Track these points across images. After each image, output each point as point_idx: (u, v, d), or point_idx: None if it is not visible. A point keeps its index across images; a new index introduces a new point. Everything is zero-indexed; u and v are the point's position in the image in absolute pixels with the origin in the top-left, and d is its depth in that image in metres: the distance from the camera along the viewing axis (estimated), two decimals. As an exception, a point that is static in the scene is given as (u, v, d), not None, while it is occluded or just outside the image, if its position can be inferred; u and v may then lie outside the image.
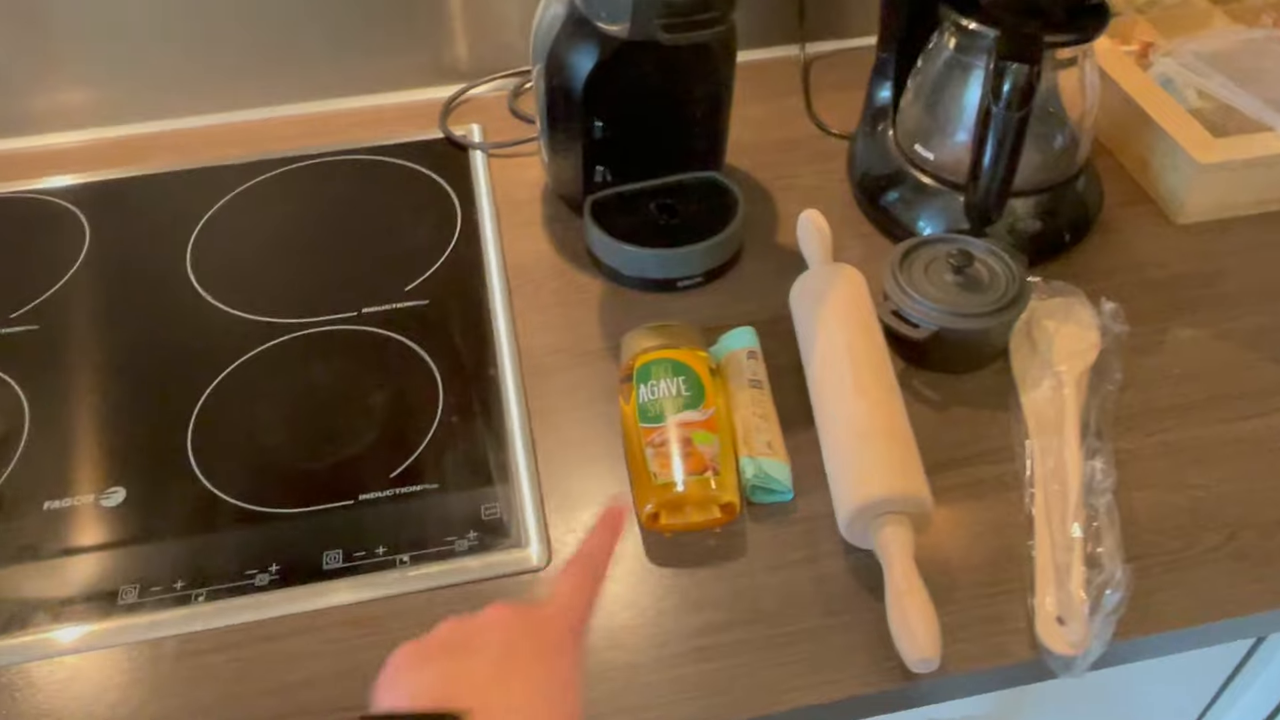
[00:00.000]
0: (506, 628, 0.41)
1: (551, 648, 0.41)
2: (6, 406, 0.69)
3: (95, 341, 0.73)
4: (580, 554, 0.46)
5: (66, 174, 0.88)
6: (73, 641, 0.56)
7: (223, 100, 0.93)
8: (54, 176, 0.87)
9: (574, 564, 0.46)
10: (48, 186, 0.87)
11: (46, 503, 0.63)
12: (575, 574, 0.45)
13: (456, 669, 0.38)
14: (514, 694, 0.38)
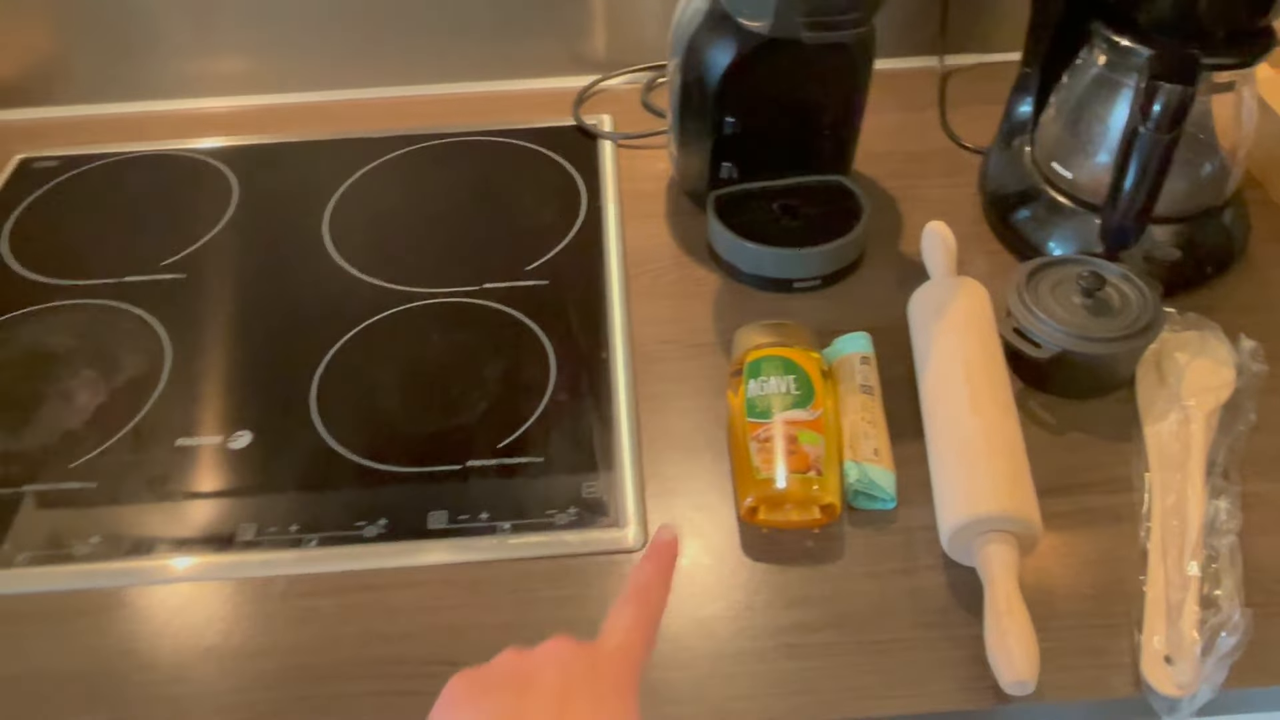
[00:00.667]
0: (566, 665, 0.40)
1: (610, 688, 0.40)
2: (150, 348, 0.73)
3: (234, 294, 0.77)
4: (634, 587, 0.45)
5: (216, 136, 0.93)
6: (189, 570, 0.59)
7: (364, 77, 0.97)
8: (206, 138, 0.93)
9: (630, 598, 0.44)
10: (201, 146, 0.92)
11: (178, 440, 0.66)
12: (632, 609, 0.44)
13: (514, 705, 0.38)
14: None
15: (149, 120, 0.95)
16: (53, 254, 0.82)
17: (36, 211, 0.86)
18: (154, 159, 0.91)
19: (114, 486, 0.64)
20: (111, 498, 0.63)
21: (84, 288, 0.78)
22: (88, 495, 0.63)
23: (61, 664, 0.55)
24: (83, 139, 0.93)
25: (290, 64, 0.96)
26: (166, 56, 0.94)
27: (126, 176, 0.89)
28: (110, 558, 0.60)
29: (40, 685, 0.54)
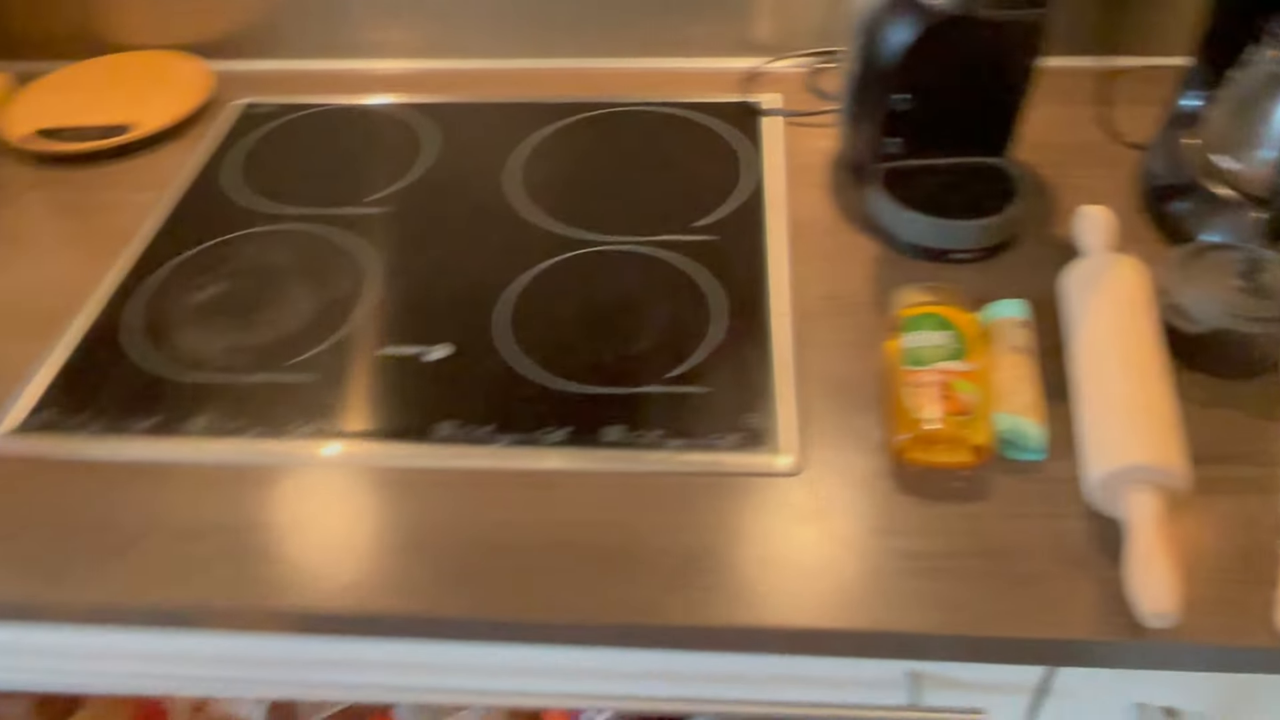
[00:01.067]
0: None
1: None
2: (355, 269, 0.82)
3: (428, 229, 0.85)
4: None
5: (410, 93, 1.01)
6: (393, 455, 0.67)
7: (543, 48, 1.04)
8: (400, 95, 1.01)
9: None
10: (395, 102, 1.01)
11: (381, 349, 0.75)
12: None
13: None
14: None
15: (349, 76, 1.05)
16: (272, 184, 0.91)
17: (258, 148, 0.96)
18: (355, 111, 1.00)
19: (328, 381, 0.72)
20: (326, 391, 0.71)
21: (297, 215, 0.88)
22: (306, 387, 0.72)
23: (281, 519, 0.63)
24: (294, 89, 1.03)
25: (477, 33, 1.04)
26: (364, 20, 1.04)
27: (331, 124, 0.99)
28: (325, 437, 0.68)
29: (279, 538, 0.63)
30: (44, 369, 0.74)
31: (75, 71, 1.04)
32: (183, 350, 0.75)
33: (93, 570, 0.61)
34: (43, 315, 0.79)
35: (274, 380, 0.73)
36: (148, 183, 0.92)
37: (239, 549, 0.62)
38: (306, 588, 0.60)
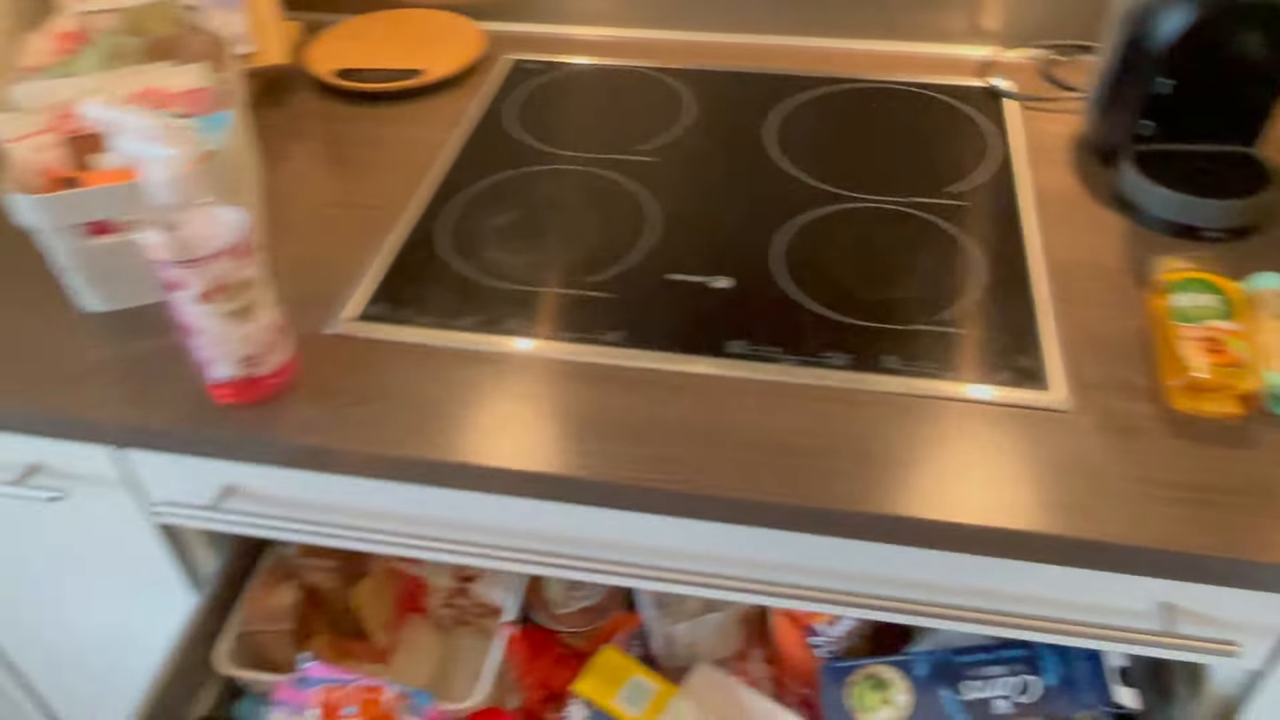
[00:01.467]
0: None
1: None
2: (633, 206, 0.90)
3: (697, 177, 0.93)
4: None
5: (649, 59, 1.10)
6: (691, 366, 0.75)
7: (793, 26, 1.12)
8: (647, 59, 1.10)
9: None
10: (649, 66, 1.09)
11: (667, 274, 0.83)
12: None
13: None
14: None
15: (602, 42, 1.14)
16: (546, 130, 1.01)
17: (529, 99, 1.06)
18: (614, 71, 1.09)
19: (623, 297, 0.81)
20: (622, 304, 0.80)
21: (574, 158, 0.97)
22: (604, 301, 0.80)
23: (586, 410, 0.72)
24: (554, 50, 1.13)
25: (726, 8, 1.12)
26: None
27: (594, 82, 1.08)
28: (633, 345, 0.76)
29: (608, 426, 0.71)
30: (373, 269, 0.84)
31: (361, 23, 1.16)
32: (490, 263, 0.85)
33: (429, 438, 0.71)
34: (368, 224, 0.89)
35: (576, 294, 0.81)
36: (438, 122, 1.03)
37: (575, 432, 0.71)
38: (626, 462, 0.68)
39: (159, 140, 0.62)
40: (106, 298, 0.81)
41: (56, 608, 0.99)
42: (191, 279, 0.66)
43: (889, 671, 0.82)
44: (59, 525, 0.88)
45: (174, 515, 0.79)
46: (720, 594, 0.76)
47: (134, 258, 0.79)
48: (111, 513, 0.85)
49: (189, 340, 0.70)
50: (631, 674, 0.84)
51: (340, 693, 0.81)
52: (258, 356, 0.71)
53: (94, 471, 0.82)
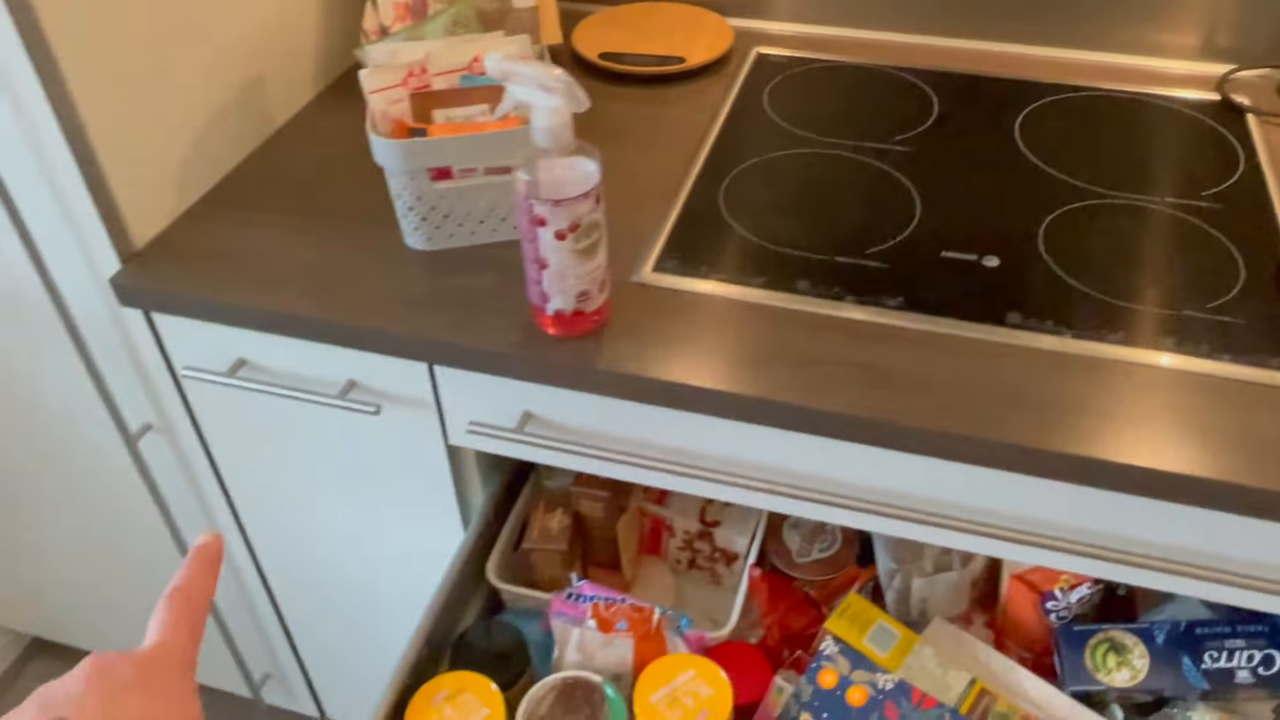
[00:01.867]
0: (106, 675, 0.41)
1: (162, 686, 0.41)
2: (898, 190, 0.97)
3: (954, 166, 1.00)
4: (176, 588, 0.46)
5: (914, 60, 1.17)
6: (981, 333, 0.81)
7: (1027, 36, 1.18)
8: (884, 58, 1.17)
9: (171, 599, 0.45)
10: (902, 65, 1.16)
11: (943, 251, 0.89)
12: (174, 608, 0.45)
13: None
14: None
15: (835, 40, 1.21)
16: (799, 118, 1.08)
17: (778, 88, 1.14)
18: (856, 67, 1.16)
19: (899, 268, 0.87)
20: (899, 275, 0.87)
21: (831, 143, 1.04)
22: (881, 270, 0.87)
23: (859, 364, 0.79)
24: (796, 46, 1.21)
25: (972, 17, 1.19)
26: None
27: (840, 76, 1.15)
28: (912, 309, 0.83)
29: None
30: (664, 230, 0.93)
31: (617, 12, 1.25)
32: (769, 231, 0.92)
33: (738, 375, 0.78)
34: (651, 192, 0.98)
35: (855, 263, 0.88)
36: (698, 105, 1.11)
37: (864, 379, 0.78)
38: (910, 409, 0.75)
39: (547, 90, 0.71)
40: (430, 238, 0.91)
41: (342, 519, 1.09)
42: (553, 216, 0.75)
43: (1128, 637, 0.87)
44: (362, 442, 0.98)
45: (482, 435, 0.88)
46: (967, 539, 0.82)
47: (462, 203, 0.89)
48: (412, 432, 0.95)
49: (535, 274, 0.79)
50: (876, 619, 0.90)
51: (612, 609, 0.89)
52: (588, 293, 0.80)
53: (405, 391, 0.91)
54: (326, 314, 0.86)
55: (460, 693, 0.84)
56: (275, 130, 1.08)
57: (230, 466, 1.09)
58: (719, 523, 1.02)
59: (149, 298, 0.91)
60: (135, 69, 0.89)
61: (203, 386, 1.00)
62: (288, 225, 0.95)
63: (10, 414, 1.14)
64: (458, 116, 0.88)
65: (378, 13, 0.97)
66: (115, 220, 0.90)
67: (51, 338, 1.01)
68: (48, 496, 1.24)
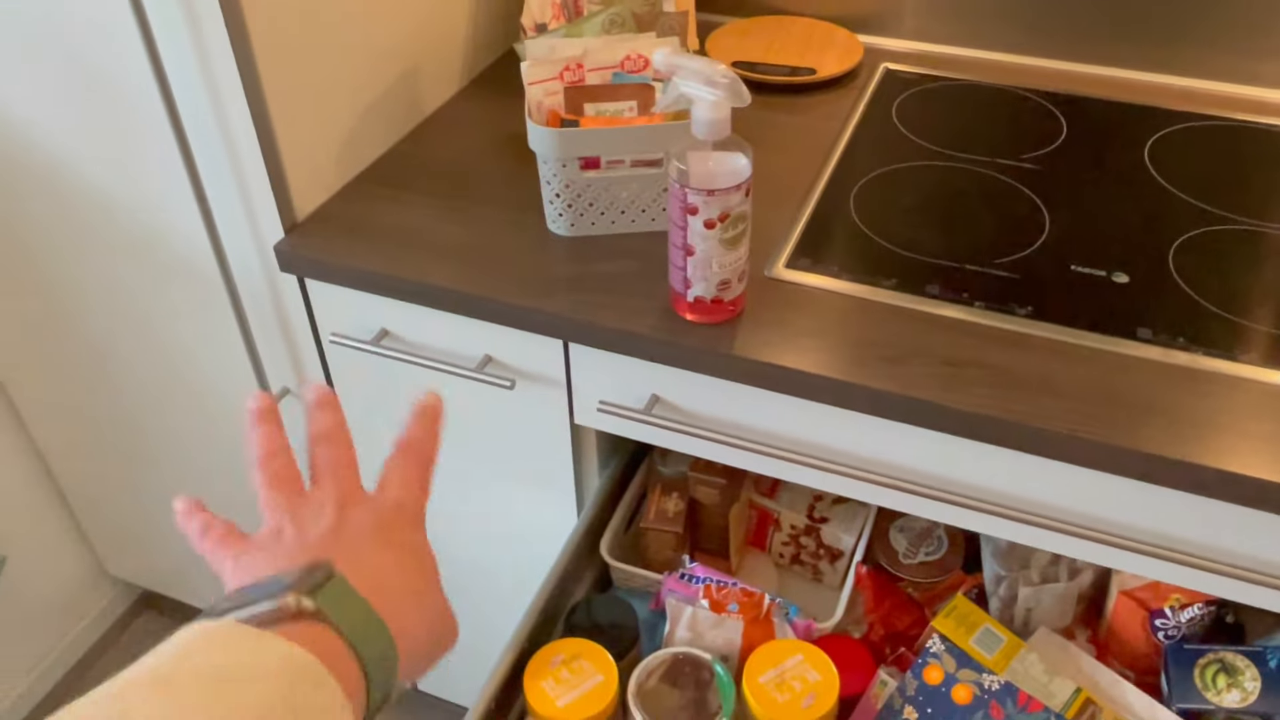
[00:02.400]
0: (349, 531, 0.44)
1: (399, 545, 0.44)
2: (1028, 205, 0.99)
3: (1085, 186, 1.01)
4: (405, 444, 0.48)
5: (1043, 82, 1.19)
6: (1110, 344, 0.83)
7: (1157, 64, 1.19)
8: (1011, 80, 1.19)
9: (402, 453, 0.47)
10: (1022, 86, 1.18)
11: (1072, 265, 0.91)
12: (406, 463, 0.47)
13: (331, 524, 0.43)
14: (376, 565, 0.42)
15: (979, 62, 1.23)
16: (927, 132, 1.11)
17: (905, 103, 1.16)
18: (983, 86, 1.19)
19: (1029, 279, 0.89)
20: (1028, 285, 0.89)
21: (959, 157, 1.06)
22: (1011, 280, 0.89)
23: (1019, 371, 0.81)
24: (923, 63, 1.23)
25: (1102, 43, 1.20)
26: (968, 16, 1.22)
27: (967, 94, 1.18)
28: (1042, 318, 0.85)
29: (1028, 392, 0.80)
30: (796, 229, 0.96)
31: (748, 24, 1.29)
32: (899, 236, 0.95)
33: (870, 369, 0.81)
34: (784, 193, 1.01)
35: (984, 271, 0.91)
36: (828, 114, 1.15)
37: (994, 381, 0.80)
38: (1046, 413, 0.77)
39: (713, 84, 0.75)
40: (573, 224, 0.95)
41: (461, 491, 1.14)
42: (705, 206, 0.79)
43: (1240, 659, 0.87)
44: (491, 416, 1.03)
45: (611, 414, 0.92)
46: (1083, 545, 0.83)
47: (606, 193, 0.93)
48: (541, 409, 0.99)
49: (680, 260, 0.83)
50: (983, 622, 0.92)
51: (723, 591, 0.92)
52: (728, 282, 0.83)
53: (539, 368, 0.96)
54: (470, 288, 0.91)
55: (576, 658, 0.88)
56: (425, 118, 1.14)
57: (359, 434, 1.14)
58: (827, 519, 1.04)
59: (306, 265, 0.97)
60: (317, 50, 0.96)
61: (343, 353, 1.06)
62: (434, 206, 1.01)
63: (164, 370, 1.21)
64: (607, 110, 0.93)
65: (534, 11, 1.02)
66: (283, 192, 0.97)
67: (214, 300, 1.08)
68: (183, 453, 1.31)
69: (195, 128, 0.94)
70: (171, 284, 1.10)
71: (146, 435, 1.32)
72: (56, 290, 1.18)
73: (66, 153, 1.03)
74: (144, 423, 1.30)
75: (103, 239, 1.09)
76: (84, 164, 1.03)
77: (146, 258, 1.09)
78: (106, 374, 1.26)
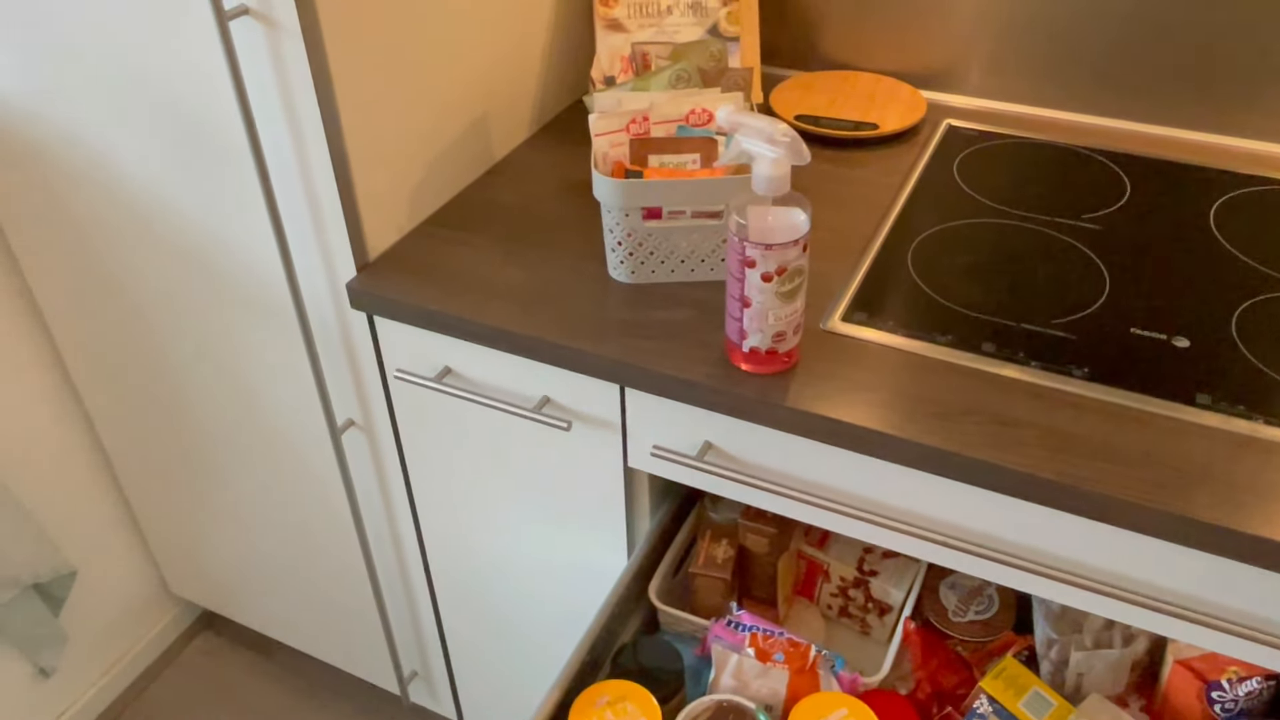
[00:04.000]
0: None
1: None
2: (1088, 265, 0.99)
3: (1147, 247, 1.01)
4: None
5: (1106, 142, 1.19)
6: (1167, 410, 0.82)
7: (1227, 127, 1.18)
8: (1069, 138, 1.19)
9: None
10: (1086, 145, 1.18)
11: (1131, 328, 0.91)
12: None
13: None
14: None
15: (1042, 121, 1.24)
16: (990, 188, 1.11)
17: (967, 160, 1.17)
18: (1046, 145, 1.19)
19: (1087, 340, 0.89)
20: (1086, 346, 0.88)
21: (1020, 215, 1.07)
22: (1068, 341, 0.89)
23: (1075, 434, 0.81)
24: (985, 120, 1.24)
25: (1167, 105, 1.20)
26: (1025, 74, 1.23)
27: (1030, 152, 1.18)
28: (1098, 380, 0.85)
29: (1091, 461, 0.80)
30: (852, 283, 0.97)
31: (811, 78, 1.32)
32: (956, 293, 0.96)
33: (924, 425, 0.82)
34: (842, 247, 1.03)
35: (1042, 330, 0.91)
36: (889, 169, 1.16)
37: (1047, 442, 0.80)
38: (1107, 477, 0.76)
39: (773, 142, 0.77)
40: (634, 271, 0.98)
41: (513, 529, 1.16)
42: (763, 259, 0.80)
43: (1300, 738, 0.85)
44: (547, 456, 1.05)
45: (664, 459, 0.94)
46: (1136, 612, 0.82)
47: (667, 242, 0.96)
48: (596, 451, 1.01)
49: (736, 311, 0.84)
50: (1032, 685, 0.91)
51: (770, 640, 0.93)
52: (783, 334, 0.85)
53: (595, 411, 0.98)
54: (531, 331, 0.94)
55: (621, 700, 0.89)
56: (494, 164, 1.18)
57: (418, 468, 1.18)
58: (876, 573, 1.04)
59: (376, 303, 1.01)
60: (395, 99, 1.00)
61: (408, 389, 1.09)
62: (500, 249, 1.04)
63: (237, 399, 1.26)
64: (670, 163, 0.96)
65: (603, 65, 1.05)
66: (357, 233, 1.01)
67: (288, 334, 1.13)
68: (250, 479, 1.35)
69: (278, 171, 0.99)
70: (249, 317, 1.15)
71: (215, 460, 1.36)
72: (139, 320, 1.24)
73: (157, 189, 1.08)
74: (214, 448, 1.35)
75: (187, 275, 1.15)
76: (172, 201, 1.08)
77: (227, 293, 1.13)
78: (183, 401, 1.31)
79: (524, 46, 1.18)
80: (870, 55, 1.32)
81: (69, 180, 1.14)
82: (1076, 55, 1.21)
